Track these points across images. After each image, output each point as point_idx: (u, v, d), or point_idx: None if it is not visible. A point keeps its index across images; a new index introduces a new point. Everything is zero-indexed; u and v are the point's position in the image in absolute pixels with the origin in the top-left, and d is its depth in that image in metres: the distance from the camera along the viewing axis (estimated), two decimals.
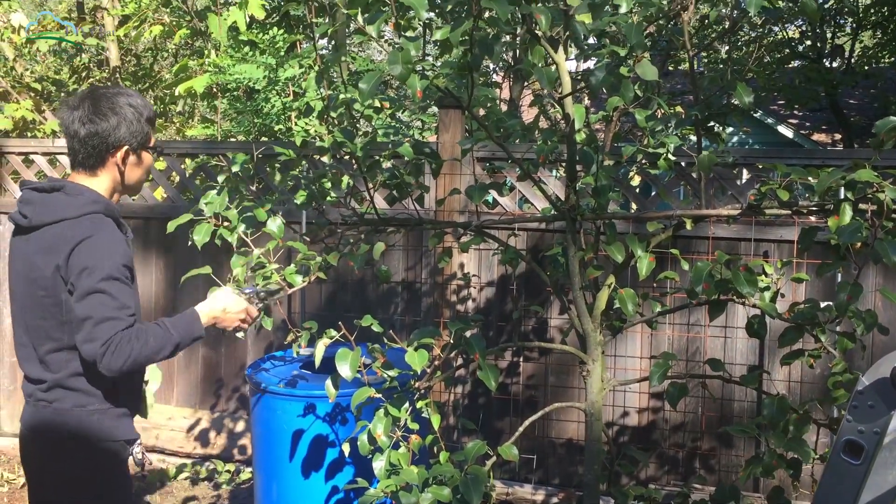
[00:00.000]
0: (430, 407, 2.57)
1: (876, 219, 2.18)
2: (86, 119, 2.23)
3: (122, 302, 2.11)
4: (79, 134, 2.24)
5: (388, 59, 2.04)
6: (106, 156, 2.27)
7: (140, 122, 2.29)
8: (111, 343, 2.06)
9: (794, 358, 2.57)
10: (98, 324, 2.07)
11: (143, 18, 7.33)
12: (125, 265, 2.18)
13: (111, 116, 2.24)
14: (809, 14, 2.02)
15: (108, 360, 2.06)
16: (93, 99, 2.27)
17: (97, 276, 2.10)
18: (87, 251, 2.13)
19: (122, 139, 2.26)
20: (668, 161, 2.80)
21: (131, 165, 2.32)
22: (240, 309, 2.40)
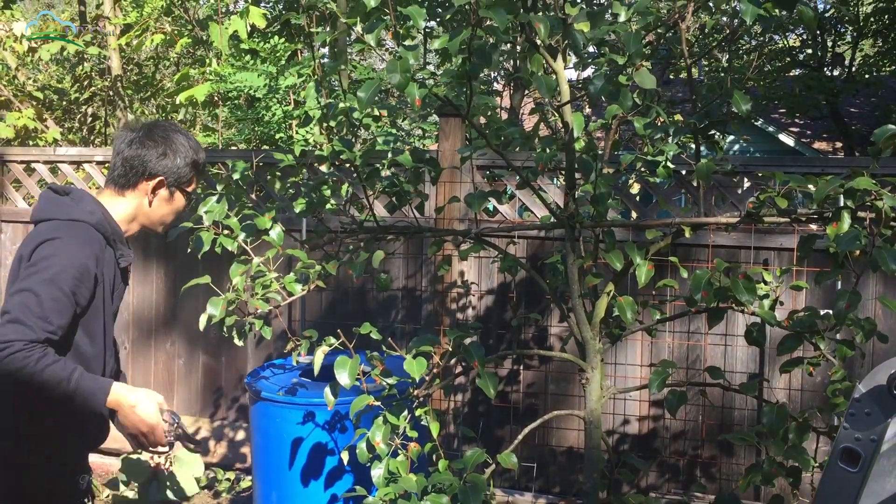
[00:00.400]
0: (429, 415, 2.56)
1: (874, 227, 2.19)
2: (136, 141, 2.26)
3: (44, 311, 1.98)
4: (124, 153, 2.26)
5: (387, 68, 2.05)
6: (139, 180, 2.27)
7: (186, 161, 2.30)
8: (9, 347, 1.92)
9: (793, 366, 2.56)
10: (9, 322, 1.95)
11: (145, 27, 7.36)
12: (78, 279, 2.06)
13: (160, 145, 2.27)
14: (806, 22, 2.03)
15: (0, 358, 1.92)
16: (153, 127, 2.31)
17: (38, 277, 2.01)
18: (45, 250, 2.07)
19: (160, 170, 2.26)
20: (666, 169, 2.80)
21: (161, 200, 2.30)
22: (150, 419, 2.12)
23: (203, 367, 4.83)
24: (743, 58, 15.55)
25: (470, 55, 2.15)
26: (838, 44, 16.17)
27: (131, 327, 4.97)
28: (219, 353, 4.79)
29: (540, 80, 2.28)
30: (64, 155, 5.08)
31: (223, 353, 4.78)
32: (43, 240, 2.09)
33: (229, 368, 4.79)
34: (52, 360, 1.98)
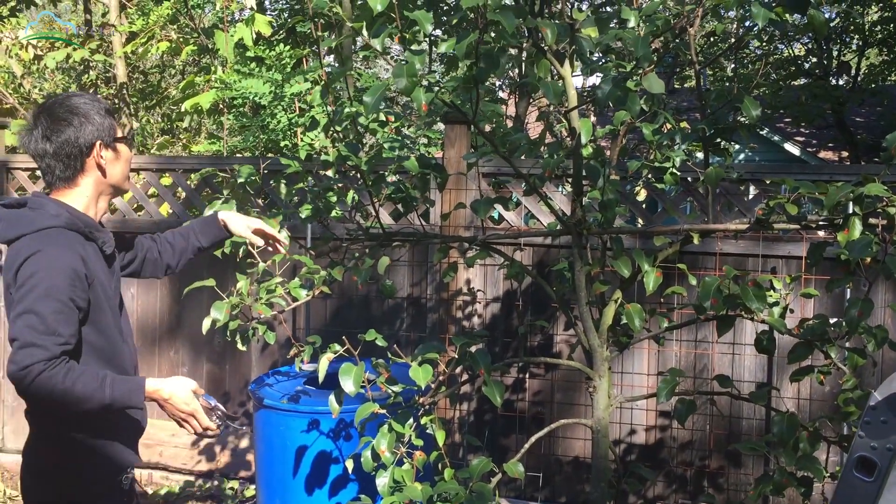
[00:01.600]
0: (435, 423, 2.54)
1: (886, 233, 2.16)
2: (49, 132, 2.15)
3: (51, 327, 1.98)
4: (48, 150, 2.15)
5: (394, 73, 2.03)
6: (83, 160, 2.17)
7: (101, 115, 2.19)
8: (30, 372, 1.94)
9: (803, 374, 2.54)
10: (21, 347, 1.95)
11: (151, 35, 7.37)
12: (71, 285, 2.05)
13: (73, 118, 2.16)
14: (817, 27, 2.01)
15: (24, 387, 1.95)
16: (47, 111, 2.18)
17: (33, 295, 1.99)
18: (30, 267, 2.03)
19: (92, 137, 2.17)
20: (674, 176, 2.78)
21: (110, 161, 2.22)
22: (188, 405, 2.17)
23: (207, 375, 4.81)
24: (749, 67, 15.54)
25: (477, 59, 2.13)
26: (844, 53, 16.15)
27: (135, 335, 4.94)
28: (223, 360, 4.77)
29: (547, 85, 2.26)
30: None
31: (227, 360, 4.76)
32: (23, 259, 2.05)
33: (233, 376, 4.77)
34: (79, 373, 2.00)
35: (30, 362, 1.94)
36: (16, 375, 1.95)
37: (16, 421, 5.11)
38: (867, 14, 14.96)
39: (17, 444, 5.12)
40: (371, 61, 14.59)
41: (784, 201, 2.39)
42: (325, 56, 6.05)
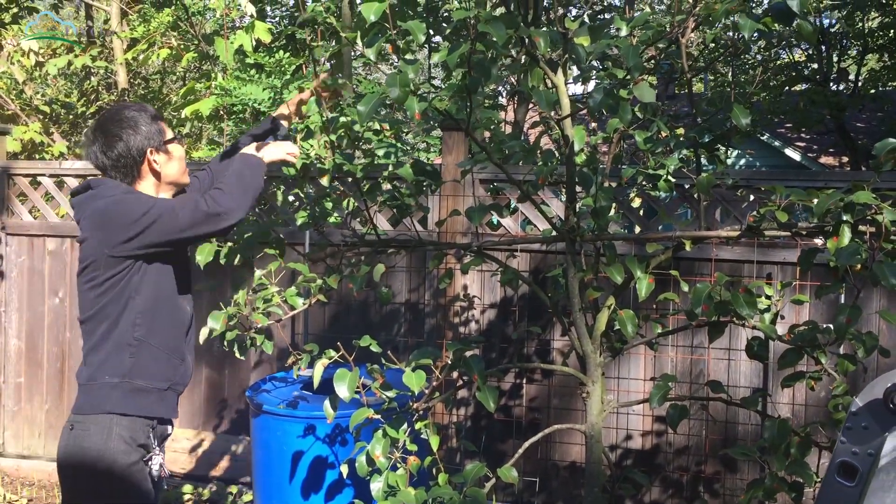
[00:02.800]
0: (429, 428, 2.56)
1: (875, 241, 2.18)
2: (105, 147, 2.40)
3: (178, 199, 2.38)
4: (106, 164, 2.42)
5: (387, 82, 2.06)
6: (138, 168, 2.43)
7: (148, 123, 2.43)
8: (201, 200, 2.33)
9: (794, 380, 2.55)
10: (182, 207, 2.31)
11: (152, 42, 7.40)
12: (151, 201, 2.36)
13: (122, 132, 2.39)
14: (806, 36, 2.03)
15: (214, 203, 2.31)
16: (101, 127, 2.43)
17: (142, 216, 2.28)
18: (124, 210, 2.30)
19: (142, 146, 2.41)
20: (668, 183, 2.80)
21: (164, 163, 2.46)
22: (281, 155, 2.64)
23: (206, 380, 4.83)
24: (748, 72, 15.57)
25: (469, 69, 2.16)
26: (843, 58, 16.17)
27: None
28: (221, 366, 4.79)
29: (540, 93, 2.29)
30: (70, 168, 5.10)
31: (226, 366, 4.78)
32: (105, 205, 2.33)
33: (232, 381, 4.79)
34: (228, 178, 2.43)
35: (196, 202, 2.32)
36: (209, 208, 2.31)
37: (16, 426, 5.13)
38: (867, 20, 14.98)
39: (17, 449, 5.14)
40: (372, 67, 14.63)
41: (775, 209, 2.41)
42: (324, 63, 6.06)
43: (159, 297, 2.41)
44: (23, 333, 5.12)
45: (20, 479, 4.99)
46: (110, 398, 2.34)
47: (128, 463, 2.33)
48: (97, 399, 2.34)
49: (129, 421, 2.35)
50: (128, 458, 2.33)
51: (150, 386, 2.40)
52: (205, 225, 2.32)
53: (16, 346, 5.13)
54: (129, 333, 2.36)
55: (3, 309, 5.15)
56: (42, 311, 5.08)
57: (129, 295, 2.35)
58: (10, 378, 5.13)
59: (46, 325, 5.07)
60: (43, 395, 5.07)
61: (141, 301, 2.36)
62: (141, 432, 2.38)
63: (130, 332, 2.36)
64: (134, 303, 2.36)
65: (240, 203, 2.35)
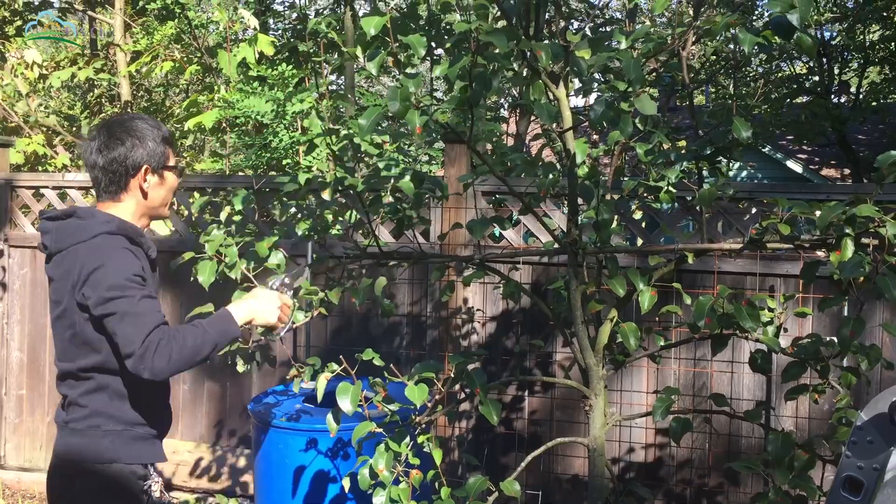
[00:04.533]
0: (432, 441, 2.55)
1: (878, 254, 2.18)
2: (103, 147, 2.29)
3: (144, 305, 2.11)
4: (98, 163, 2.29)
5: (388, 96, 2.06)
6: (128, 179, 2.30)
7: (156, 141, 2.32)
8: (149, 343, 2.05)
9: (797, 393, 2.55)
10: (129, 326, 2.07)
11: (155, 54, 7.43)
12: (137, 274, 2.17)
13: (127, 139, 2.29)
14: (806, 50, 2.03)
15: (149, 360, 2.05)
16: (107, 127, 2.33)
17: (113, 291, 2.10)
18: (101, 274, 2.13)
19: (141, 160, 2.29)
20: (669, 195, 2.80)
21: (154, 186, 2.34)
22: (274, 303, 2.33)
23: (207, 393, 4.82)
24: (750, 84, 15.61)
25: (471, 82, 2.16)
26: (845, 71, 16.20)
27: None
28: (224, 379, 4.78)
29: (541, 106, 2.29)
30: (72, 181, 5.11)
31: (228, 379, 4.77)
32: (90, 268, 2.14)
33: (234, 394, 4.78)
34: (181, 330, 2.12)
35: (145, 333, 2.05)
36: (137, 353, 2.04)
37: (17, 438, 5.12)
38: (868, 33, 15.02)
39: (18, 461, 5.12)
40: (375, 80, 14.67)
41: (778, 221, 2.41)
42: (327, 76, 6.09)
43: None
44: (25, 345, 5.11)
45: (21, 491, 4.98)
46: (114, 447, 2.27)
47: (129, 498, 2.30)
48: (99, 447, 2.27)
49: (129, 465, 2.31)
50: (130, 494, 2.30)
51: (148, 434, 2.34)
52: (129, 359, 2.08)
53: (18, 358, 5.12)
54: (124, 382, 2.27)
55: (6, 321, 5.15)
56: (44, 322, 5.08)
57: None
58: (11, 390, 5.12)
59: (48, 337, 5.06)
60: (45, 408, 5.06)
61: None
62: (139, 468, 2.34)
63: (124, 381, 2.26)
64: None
65: (173, 372, 2.11)
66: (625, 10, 16.13)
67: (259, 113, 6.22)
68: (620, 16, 16.26)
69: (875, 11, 13.31)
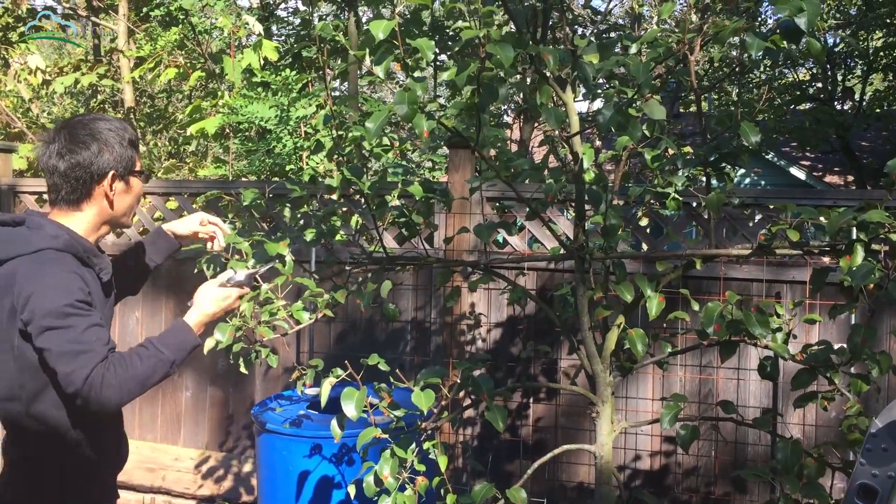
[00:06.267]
0: (437, 448, 2.53)
1: (889, 260, 2.16)
2: (64, 151, 2.06)
3: (86, 333, 1.91)
4: (58, 168, 2.06)
5: (395, 100, 2.05)
6: (92, 186, 2.09)
7: (123, 145, 2.12)
8: (93, 378, 1.87)
9: (807, 401, 2.52)
10: (70, 362, 1.88)
11: (158, 61, 7.43)
12: (81, 300, 1.96)
13: (91, 143, 2.08)
14: (815, 54, 2.02)
15: (97, 396, 1.87)
16: (69, 129, 2.10)
17: (50, 320, 1.91)
18: (40, 293, 1.93)
19: (107, 166, 2.09)
20: (676, 201, 2.79)
21: (120, 193, 2.15)
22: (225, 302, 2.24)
23: (210, 399, 4.81)
24: (753, 91, 15.60)
25: (478, 88, 2.15)
26: (848, 78, 16.20)
27: None
28: (227, 384, 4.77)
29: (549, 111, 2.28)
30: None
31: (231, 384, 4.76)
32: (29, 286, 1.95)
33: (237, 400, 4.76)
34: (130, 356, 1.96)
35: (89, 369, 1.87)
36: (81, 391, 1.87)
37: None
38: (872, 39, 15.02)
39: None
40: (378, 85, 14.69)
41: (786, 227, 2.40)
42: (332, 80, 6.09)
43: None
44: None
45: None
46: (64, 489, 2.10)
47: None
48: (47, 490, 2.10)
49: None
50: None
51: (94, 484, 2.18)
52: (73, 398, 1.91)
53: None
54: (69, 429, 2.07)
55: None
56: None
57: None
58: None
59: None
60: None
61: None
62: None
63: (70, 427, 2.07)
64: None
65: (124, 402, 1.95)
66: (627, 17, 16.16)
67: (262, 118, 6.22)
68: (623, 22, 16.28)
69: (878, 18, 13.31)
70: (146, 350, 2.00)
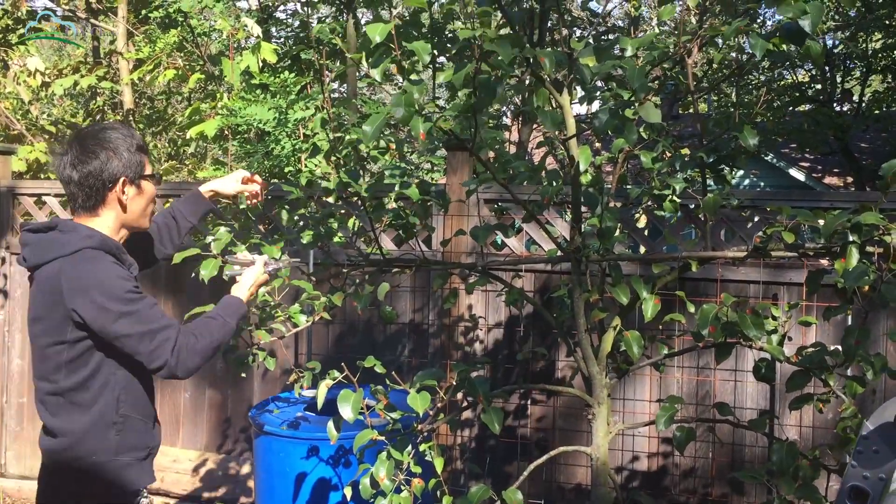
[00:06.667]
0: (434, 450, 2.54)
1: (882, 262, 2.17)
2: (76, 161, 2.20)
3: (152, 313, 2.14)
4: (73, 178, 2.21)
5: (392, 102, 2.06)
6: (105, 193, 2.23)
7: (131, 151, 2.25)
8: (178, 350, 2.12)
9: (802, 402, 2.53)
10: (152, 340, 2.11)
11: (158, 63, 7.44)
12: (134, 286, 2.17)
13: (101, 152, 2.21)
14: (814, 57, 2.03)
15: (183, 364, 2.13)
16: (79, 140, 2.24)
17: (120, 305, 2.10)
18: (98, 287, 2.10)
19: (117, 172, 2.22)
20: (673, 203, 2.79)
21: (132, 197, 2.27)
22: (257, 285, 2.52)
23: (209, 401, 4.81)
24: (752, 93, 15.61)
25: (475, 89, 2.16)
26: (847, 79, 16.21)
27: None
28: (225, 386, 4.77)
29: (545, 113, 2.28)
30: None
31: (229, 386, 4.76)
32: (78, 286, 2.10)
33: (235, 402, 4.77)
34: (198, 326, 2.23)
35: (172, 342, 2.12)
36: (170, 364, 2.12)
37: (18, 446, 5.11)
38: (870, 41, 15.03)
39: (19, 469, 5.11)
40: (377, 87, 14.70)
41: (781, 229, 2.40)
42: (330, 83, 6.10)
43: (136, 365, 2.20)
44: (26, 353, 5.10)
45: (22, 499, 4.96)
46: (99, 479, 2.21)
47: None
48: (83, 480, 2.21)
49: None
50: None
51: (135, 458, 2.26)
52: (161, 370, 2.14)
53: (18, 366, 5.12)
54: (114, 410, 2.21)
55: (7, 329, 5.15)
56: None
57: (109, 368, 2.19)
58: (12, 398, 5.11)
59: None
60: None
61: (122, 375, 2.21)
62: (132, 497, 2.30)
63: (115, 409, 2.21)
64: (116, 377, 2.20)
65: (198, 366, 2.18)
66: (627, 19, 16.16)
67: (261, 121, 6.23)
68: (623, 24, 16.29)
69: (877, 20, 13.32)
70: (214, 320, 2.27)
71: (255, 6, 8.87)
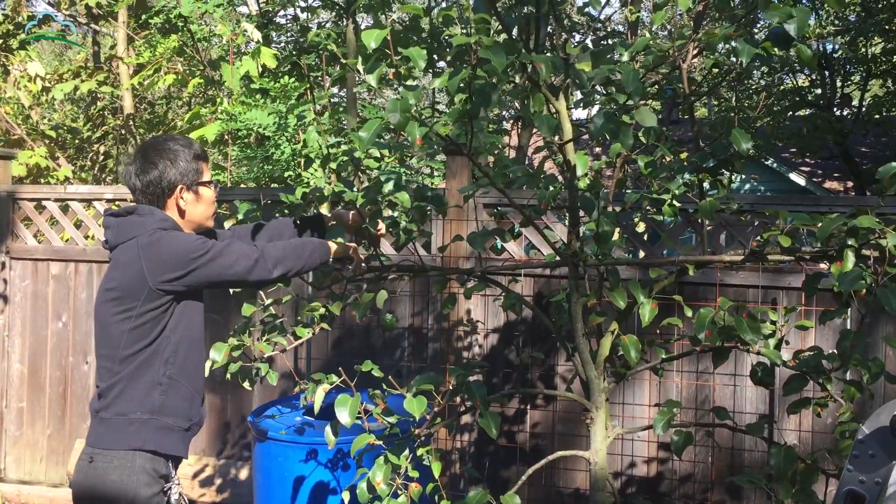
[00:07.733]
0: (431, 454, 2.53)
1: (879, 266, 2.17)
2: (139, 171, 2.42)
3: (233, 246, 2.37)
4: (137, 186, 2.43)
5: (388, 108, 2.06)
6: (165, 199, 2.44)
7: (188, 160, 2.45)
8: (261, 250, 2.40)
9: (800, 407, 2.53)
10: (232, 254, 2.35)
11: (158, 67, 7.45)
12: (201, 239, 2.37)
13: (159, 162, 2.42)
14: (805, 61, 2.03)
15: (267, 260, 2.38)
16: (143, 151, 2.46)
17: (198, 250, 2.31)
18: (176, 247, 2.32)
19: (175, 180, 2.42)
20: (672, 207, 2.79)
21: (190, 203, 2.46)
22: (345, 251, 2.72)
23: (208, 406, 4.81)
24: (752, 97, 15.62)
25: (470, 95, 2.16)
26: (847, 84, 16.21)
27: None
28: (224, 391, 4.77)
29: (542, 119, 2.29)
30: (75, 193, 5.11)
31: (229, 391, 4.76)
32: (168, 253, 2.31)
33: (235, 406, 4.77)
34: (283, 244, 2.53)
35: (251, 248, 2.40)
36: (254, 260, 2.38)
37: (18, 451, 5.10)
38: (870, 46, 15.04)
39: (18, 474, 5.11)
40: (378, 92, 14.71)
41: (778, 234, 2.40)
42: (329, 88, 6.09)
43: (188, 335, 2.41)
44: (25, 358, 5.11)
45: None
46: (139, 435, 2.33)
47: (149, 495, 2.33)
48: (124, 434, 2.33)
49: (153, 455, 2.36)
50: (149, 489, 2.33)
51: (176, 425, 2.40)
52: (250, 276, 2.39)
53: (18, 371, 5.12)
54: (162, 371, 2.36)
55: (7, 333, 5.15)
56: (45, 335, 5.08)
57: (164, 332, 2.36)
58: (12, 403, 5.11)
59: (49, 349, 5.06)
60: (45, 420, 5.05)
61: (174, 338, 2.38)
62: (162, 465, 2.38)
63: (163, 370, 2.36)
64: (168, 340, 2.36)
65: (288, 270, 2.45)
66: (626, 24, 16.18)
67: (261, 125, 6.23)
68: (622, 29, 16.30)
69: (877, 24, 13.33)
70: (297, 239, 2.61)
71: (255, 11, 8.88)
